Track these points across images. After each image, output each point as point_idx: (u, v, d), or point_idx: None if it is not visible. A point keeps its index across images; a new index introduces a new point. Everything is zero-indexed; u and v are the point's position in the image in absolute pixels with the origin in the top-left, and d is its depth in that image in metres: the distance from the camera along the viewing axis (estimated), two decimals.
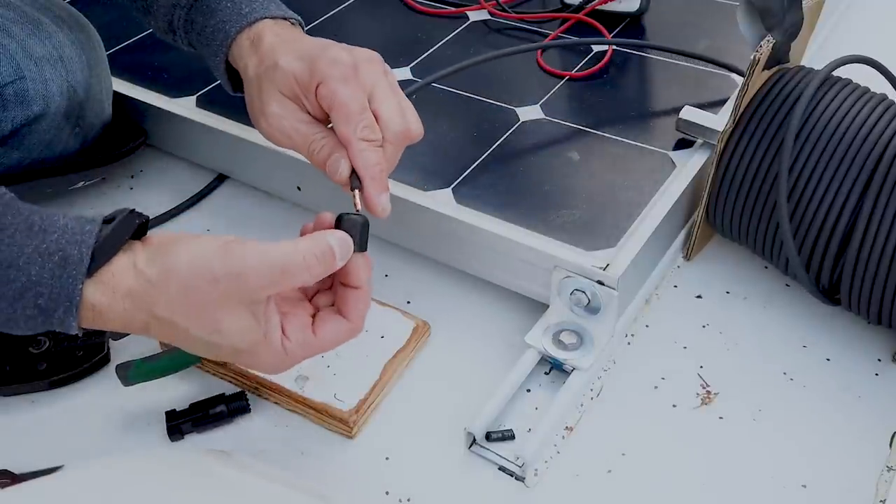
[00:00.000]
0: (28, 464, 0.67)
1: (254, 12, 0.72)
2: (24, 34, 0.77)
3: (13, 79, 0.75)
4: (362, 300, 0.62)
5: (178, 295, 0.56)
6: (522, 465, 0.66)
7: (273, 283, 0.56)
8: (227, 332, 0.57)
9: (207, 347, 0.58)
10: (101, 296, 0.56)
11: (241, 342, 0.57)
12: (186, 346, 0.59)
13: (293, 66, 0.67)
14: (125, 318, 0.57)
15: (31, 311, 0.55)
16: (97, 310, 0.56)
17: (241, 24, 0.72)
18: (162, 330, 0.57)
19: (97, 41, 0.87)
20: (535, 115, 0.90)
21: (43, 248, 0.55)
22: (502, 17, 1.06)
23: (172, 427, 0.70)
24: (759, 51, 0.71)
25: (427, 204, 0.79)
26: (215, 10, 0.74)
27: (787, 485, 0.65)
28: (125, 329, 0.58)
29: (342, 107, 0.65)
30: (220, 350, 0.58)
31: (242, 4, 0.73)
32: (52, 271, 0.55)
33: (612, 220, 0.77)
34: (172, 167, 0.98)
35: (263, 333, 0.58)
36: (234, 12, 0.73)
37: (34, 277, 0.55)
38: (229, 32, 0.72)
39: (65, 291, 0.55)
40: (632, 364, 0.75)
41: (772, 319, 0.77)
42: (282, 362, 0.60)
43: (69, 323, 0.56)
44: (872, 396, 0.71)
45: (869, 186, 0.68)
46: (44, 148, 0.81)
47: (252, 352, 0.58)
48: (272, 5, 0.74)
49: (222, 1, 0.73)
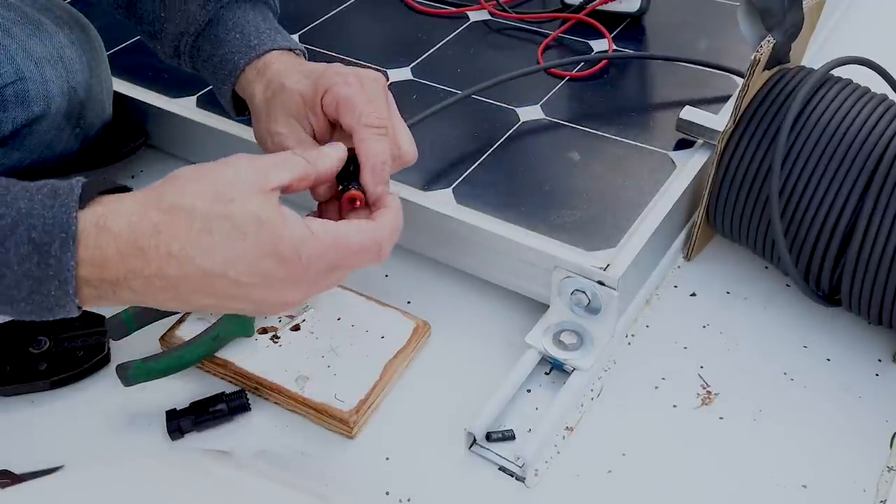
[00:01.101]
0: (28, 464, 0.67)
1: (262, 45, 0.74)
2: (25, 35, 0.77)
3: (14, 79, 0.75)
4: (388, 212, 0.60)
5: (187, 180, 0.55)
6: (523, 465, 0.66)
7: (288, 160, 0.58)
8: (242, 202, 0.53)
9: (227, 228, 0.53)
10: (103, 209, 0.53)
11: (261, 211, 0.53)
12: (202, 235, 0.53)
13: (299, 85, 0.68)
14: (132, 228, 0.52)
15: (24, 249, 0.51)
16: (99, 225, 0.52)
17: (250, 55, 0.73)
18: (174, 223, 0.52)
19: (98, 42, 0.87)
20: (536, 115, 0.90)
21: (30, 186, 0.53)
22: (503, 17, 1.06)
23: (172, 425, 0.70)
24: (759, 51, 0.71)
25: (427, 204, 0.79)
26: (224, 40, 0.75)
27: (788, 485, 0.65)
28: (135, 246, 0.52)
29: (346, 101, 0.65)
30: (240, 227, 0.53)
31: (251, 37, 0.74)
32: (43, 202, 0.51)
33: (613, 221, 0.77)
34: (172, 167, 0.96)
35: (280, 211, 0.54)
36: (242, 44, 0.74)
37: (24, 210, 0.51)
38: (238, 64, 0.73)
39: (58, 221, 0.51)
40: (632, 364, 0.75)
41: (772, 320, 0.77)
42: (309, 241, 0.55)
43: (66, 260, 0.51)
44: (873, 397, 0.71)
45: (869, 186, 0.68)
46: (44, 148, 0.82)
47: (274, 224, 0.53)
48: (279, 37, 0.75)
49: (231, 32, 0.75)
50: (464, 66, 0.98)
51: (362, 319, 0.77)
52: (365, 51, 1.01)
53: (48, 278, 0.52)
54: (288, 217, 0.55)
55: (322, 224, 0.56)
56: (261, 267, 0.54)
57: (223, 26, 0.75)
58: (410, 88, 0.95)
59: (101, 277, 0.53)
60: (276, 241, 0.54)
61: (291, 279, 0.55)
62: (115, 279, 0.53)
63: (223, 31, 0.75)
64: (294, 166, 0.58)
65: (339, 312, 0.78)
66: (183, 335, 0.75)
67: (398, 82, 0.96)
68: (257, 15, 0.76)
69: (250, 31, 0.74)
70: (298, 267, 0.55)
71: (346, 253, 0.57)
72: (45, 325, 0.76)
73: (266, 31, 0.75)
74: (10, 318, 0.73)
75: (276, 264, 0.54)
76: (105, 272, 0.52)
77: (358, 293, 0.79)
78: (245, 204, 0.53)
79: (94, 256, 0.52)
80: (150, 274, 0.53)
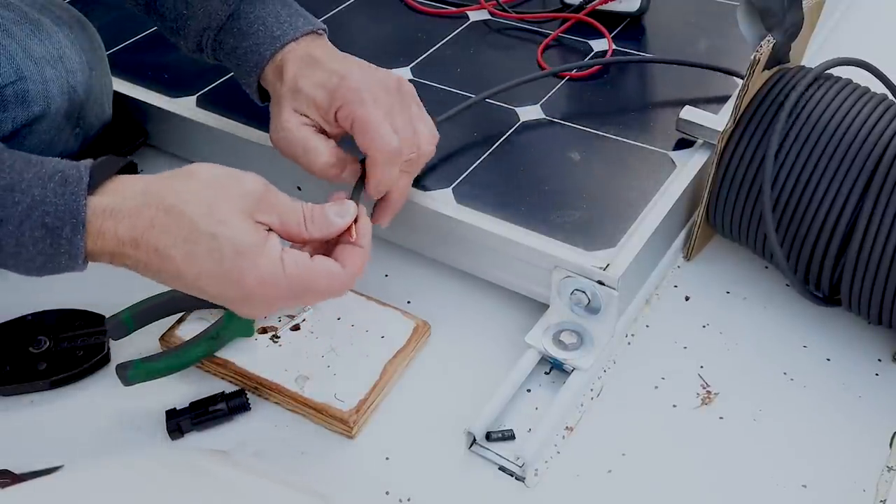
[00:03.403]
0: (28, 464, 0.67)
1: (284, 35, 0.75)
2: (24, 34, 0.77)
3: (13, 79, 0.75)
4: (359, 254, 0.64)
5: (197, 184, 0.60)
6: (523, 465, 0.66)
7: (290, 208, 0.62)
8: (231, 226, 0.59)
9: (208, 245, 0.58)
10: (110, 199, 0.59)
11: (243, 240, 0.59)
12: (186, 243, 0.59)
13: (315, 93, 0.71)
14: (133, 217, 0.58)
15: (38, 233, 0.58)
16: (108, 211, 0.58)
17: (275, 46, 0.75)
18: (167, 224, 0.58)
19: (97, 41, 0.87)
20: (536, 115, 0.90)
21: (42, 173, 0.58)
22: (502, 17, 1.06)
23: (172, 425, 0.70)
24: (759, 51, 0.71)
25: (427, 204, 0.79)
26: (246, 33, 0.76)
27: (787, 485, 0.65)
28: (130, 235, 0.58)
29: (361, 122, 0.69)
30: (219, 249, 0.58)
31: (273, 27, 0.76)
32: (55, 190, 0.58)
33: (613, 220, 0.77)
34: (172, 167, 0.97)
35: (264, 240, 0.59)
36: (266, 35, 0.76)
37: (38, 197, 0.57)
38: (264, 55, 0.75)
39: (69, 208, 0.58)
40: (632, 364, 0.75)
41: (772, 319, 0.77)
42: (275, 278, 0.60)
43: (77, 244, 0.58)
44: (872, 396, 0.71)
45: (869, 185, 0.68)
46: (44, 148, 0.81)
47: (250, 255, 0.59)
48: (300, 21, 0.77)
49: (253, 24, 0.76)
50: (464, 66, 0.98)
51: (362, 319, 0.77)
52: (365, 51, 1.00)
53: (60, 254, 0.59)
54: (267, 251, 0.60)
55: (295, 261, 0.60)
56: (224, 288, 0.60)
57: (245, 19, 0.77)
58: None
59: (102, 250, 0.60)
60: (245, 272, 0.59)
61: (249, 303, 0.61)
62: (113, 253, 0.60)
63: (245, 24, 0.76)
64: (288, 218, 0.62)
65: (338, 312, 0.78)
66: (182, 335, 0.76)
67: None
68: (276, 3, 0.77)
69: (271, 22, 0.76)
70: (256, 296, 0.60)
71: (310, 293, 0.62)
72: (45, 326, 0.76)
73: (286, 20, 0.76)
74: None
75: (237, 290, 0.60)
76: (105, 246, 0.59)
77: (358, 293, 0.79)
78: (232, 229, 0.59)
79: (99, 234, 0.59)
80: (138, 260, 0.60)
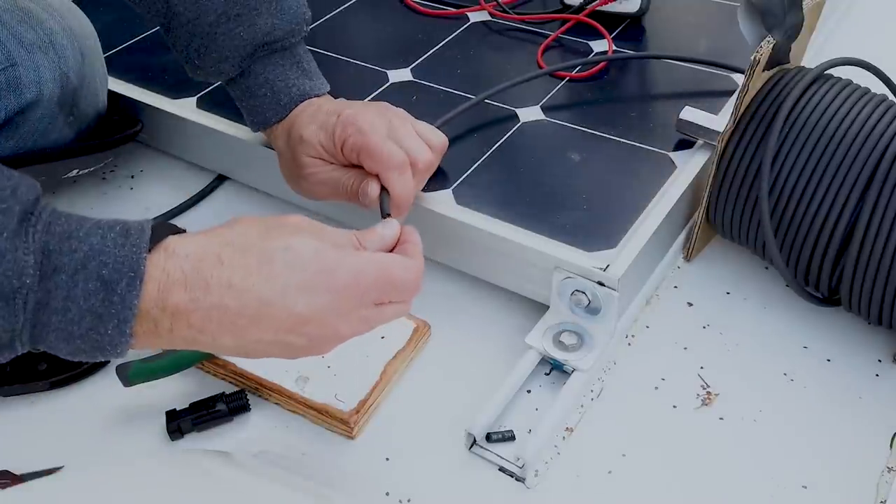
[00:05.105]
0: (28, 464, 0.67)
1: (291, 103, 0.78)
2: (15, 21, 0.77)
3: (5, 66, 0.75)
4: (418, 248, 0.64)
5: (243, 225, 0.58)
6: (523, 465, 0.66)
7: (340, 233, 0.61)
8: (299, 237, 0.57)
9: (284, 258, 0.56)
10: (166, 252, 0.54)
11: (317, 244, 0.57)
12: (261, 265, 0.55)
13: (317, 137, 0.74)
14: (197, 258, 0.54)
15: (93, 285, 0.52)
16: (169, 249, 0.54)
17: (280, 115, 0.78)
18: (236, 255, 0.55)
19: (89, 29, 0.87)
20: (536, 116, 0.90)
21: (102, 223, 0.54)
22: (503, 18, 1.06)
23: (172, 425, 0.70)
24: (759, 51, 0.71)
25: (427, 204, 0.79)
26: (255, 94, 0.79)
27: (788, 485, 0.65)
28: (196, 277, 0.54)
29: (365, 149, 0.71)
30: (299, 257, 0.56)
31: (281, 94, 0.78)
32: (115, 240, 0.53)
33: (613, 221, 0.77)
34: (172, 167, 0.98)
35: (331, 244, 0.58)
36: (273, 101, 0.78)
37: (97, 246, 0.52)
38: (269, 120, 0.79)
39: (128, 260, 0.52)
40: (632, 365, 0.75)
41: (772, 320, 0.77)
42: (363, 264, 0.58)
43: (130, 299, 0.52)
44: (873, 397, 0.71)
45: (869, 186, 0.68)
46: (38, 137, 0.81)
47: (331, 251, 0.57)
48: (306, 84, 0.78)
49: (262, 87, 0.78)
50: (464, 67, 0.98)
51: None
52: (365, 52, 1.01)
53: (109, 316, 0.52)
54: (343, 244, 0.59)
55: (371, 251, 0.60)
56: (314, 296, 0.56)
57: (254, 79, 0.78)
58: (410, 89, 0.95)
59: (164, 306, 0.53)
60: (336, 265, 0.57)
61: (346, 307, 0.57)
62: (177, 307, 0.54)
63: (254, 84, 0.79)
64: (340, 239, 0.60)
65: None
66: None
67: (398, 83, 0.96)
68: (286, 63, 0.79)
69: (280, 87, 0.78)
70: (349, 292, 0.57)
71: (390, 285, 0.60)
72: None
73: (294, 84, 0.78)
74: None
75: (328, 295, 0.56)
76: (168, 297, 0.53)
77: None
78: (301, 237, 0.57)
79: (161, 281, 0.53)
80: (210, 305, 0.54)
